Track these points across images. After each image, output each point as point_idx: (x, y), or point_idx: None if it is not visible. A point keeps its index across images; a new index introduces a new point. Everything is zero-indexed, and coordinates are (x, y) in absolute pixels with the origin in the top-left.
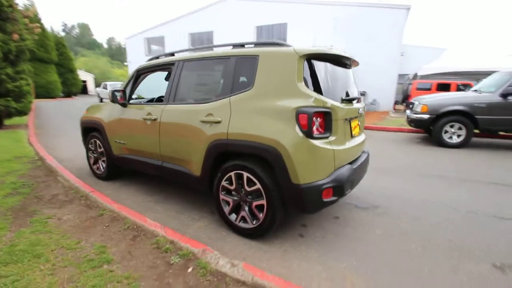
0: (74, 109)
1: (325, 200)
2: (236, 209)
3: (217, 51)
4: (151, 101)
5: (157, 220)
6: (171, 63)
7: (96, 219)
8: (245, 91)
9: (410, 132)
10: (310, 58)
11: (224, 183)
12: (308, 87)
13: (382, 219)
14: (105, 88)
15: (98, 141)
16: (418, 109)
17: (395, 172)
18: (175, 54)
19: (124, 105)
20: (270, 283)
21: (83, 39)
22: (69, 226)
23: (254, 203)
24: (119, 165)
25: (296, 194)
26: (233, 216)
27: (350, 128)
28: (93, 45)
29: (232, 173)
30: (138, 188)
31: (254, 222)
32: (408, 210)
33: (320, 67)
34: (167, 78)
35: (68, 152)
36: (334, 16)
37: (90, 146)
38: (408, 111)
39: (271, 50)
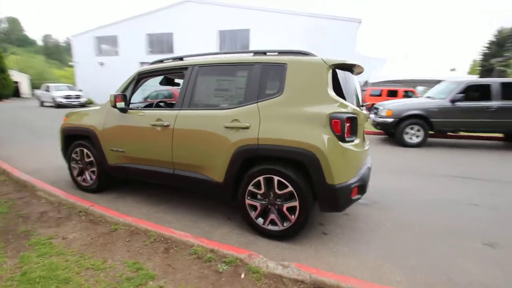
0: (11, 114)
1: (352, 198)
2: (263, 213)
3: (239, 57)
4: (147, 106)
5: (177, 230)
6: (184, 68)
7: (111, 235)
8: (274, 98)
9: (371, 134)
10: (335, 67)
11: (250, 187)
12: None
13: (384, 213)
14: (47, 90)
15: (86, 150)
16: (383, 114)
17: (377, 170)
18: (184, 59)
19: (124, 110)
20: (329, 278)
21: (13, 34)
22: (81, 245)
23: (285, 206)
24: (113, 176)
25: (330, 193)
26: (260, 220)
27: (363, 132)
28: (25, 42)
29: (260, 178)
30: (136, 199)
31: (285, 224)
32: (402, 203)
33: (341, 75)
34: (162, 83)
35: (29, 163)
36: (293, 26)
37: (74, 156)
38: (372, 115)
39: (299, 59)
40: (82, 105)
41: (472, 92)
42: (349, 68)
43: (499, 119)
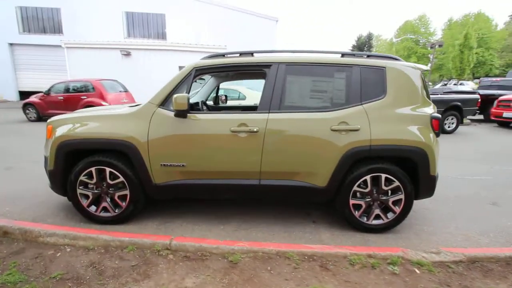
0: None
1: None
2: (366, 210)
3: (330, 57)
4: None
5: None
6: (265, 65)
7: (250, 268)
8: (379, 100)
9: None
10: (422, 71)
11: (356, 187)
12: None
13: None
14: None
15: (110, 169)
16: None
17: None
18: (254, 55)
19: (183, 115)
20: (478, 253)
21: None
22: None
23: (391, 200)
24: (157, 197)
25: (431, 183)
26: (363, 218)
27: None
28: None
29: (367, 177)
30: (192, 221)
31: (389, 217)
32: None
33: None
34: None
35: None
36: (213, 17)
37: (83, 179)
38: None
39: (397, 64)
40: None
41: None
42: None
43: None
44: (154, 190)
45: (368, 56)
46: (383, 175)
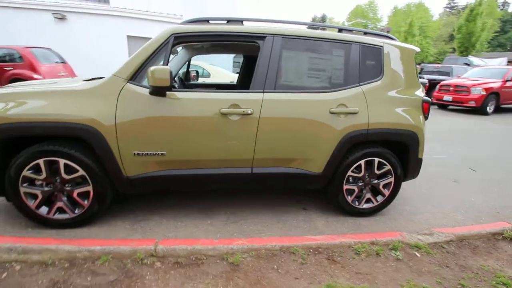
0: None
1: None
2: (358, 194)
3: (327, 32)
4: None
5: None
6: (259, 36)
7: (242, 270)
8: (376, 81)
9: None
10: None
11: (350, 172)
12: None
13: None
14: None
15: (65, 161)
16: None
17: None
18: (244, 23)
19: (162, 93)
20: (465, 231)
21: None
22: None
23: (382, 183)
24: (129, 192)
25: (418, 165)
26: (355, 202)
27: None
28: None
29: (362, 161)
30: (171, 217)
31: (378, 200)
32: None
33: None
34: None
35: None
36: None
37: (28, 174)
38: None
39: (394, 43)
40: None
41: None
42: None
43: None
44: (126, 184)
45: (365, 33)
46: (377, 159)
